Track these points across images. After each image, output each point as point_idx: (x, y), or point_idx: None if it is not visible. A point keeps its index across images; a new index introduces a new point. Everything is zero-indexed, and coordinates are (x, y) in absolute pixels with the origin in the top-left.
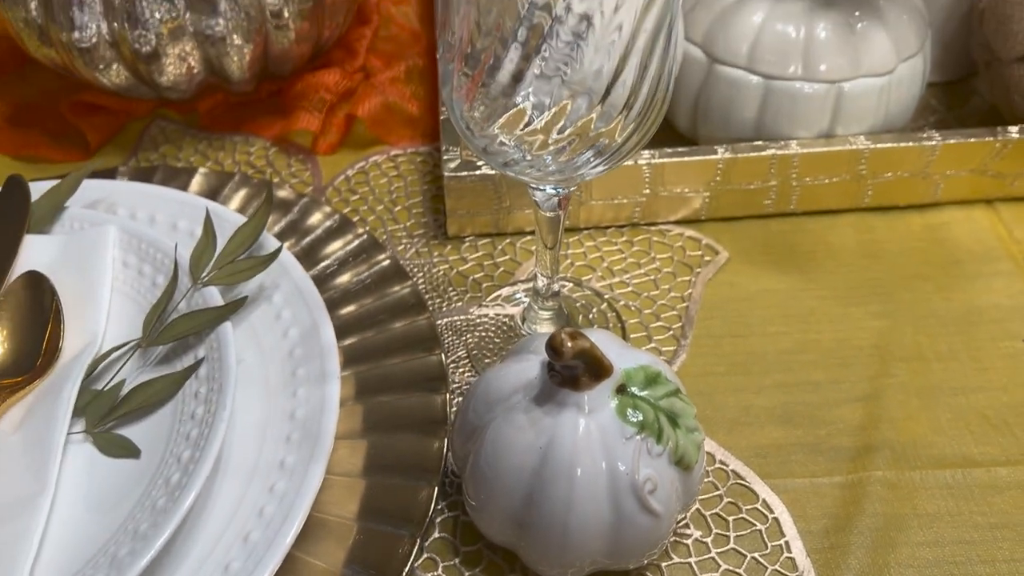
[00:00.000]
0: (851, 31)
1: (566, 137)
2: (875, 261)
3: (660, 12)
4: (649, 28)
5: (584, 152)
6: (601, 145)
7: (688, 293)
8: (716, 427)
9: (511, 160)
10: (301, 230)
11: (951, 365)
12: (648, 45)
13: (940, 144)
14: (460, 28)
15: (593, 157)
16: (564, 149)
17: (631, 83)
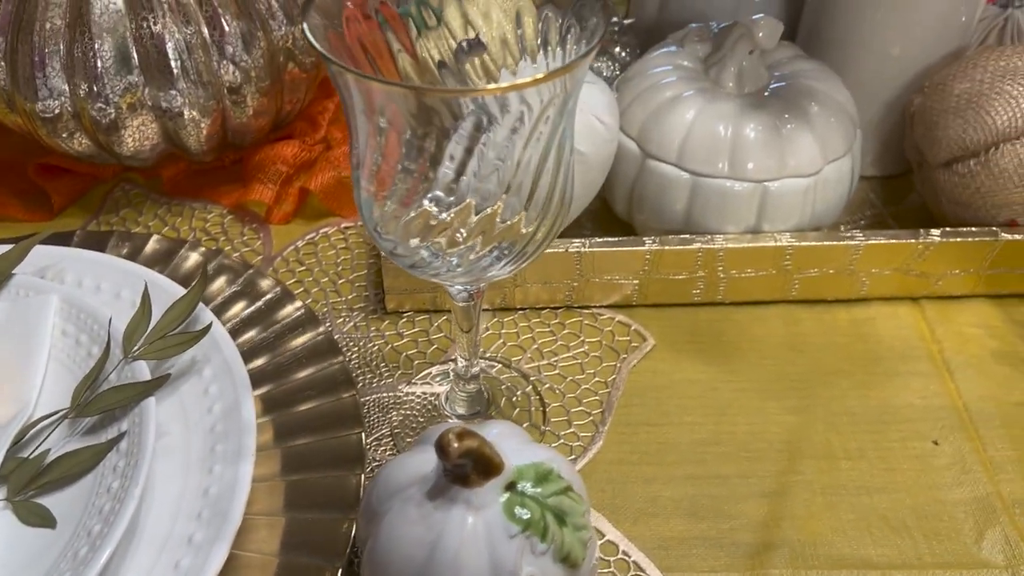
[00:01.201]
0: (778, 133)
1: (469, 237)
2: (798, 355)
3: (552, 126)
4: (543, 138)
5: (489, 252)
6: (504, 247)
7: (612, 379)
8: (623, 517)
9: (418, 262)
10: (243, 301)
11: (859, 464)
12: (543, 153)
13: (863, 244)
14: (363, 147)
15: (497, 259)
16: (471, 249)
17: (528, 187)
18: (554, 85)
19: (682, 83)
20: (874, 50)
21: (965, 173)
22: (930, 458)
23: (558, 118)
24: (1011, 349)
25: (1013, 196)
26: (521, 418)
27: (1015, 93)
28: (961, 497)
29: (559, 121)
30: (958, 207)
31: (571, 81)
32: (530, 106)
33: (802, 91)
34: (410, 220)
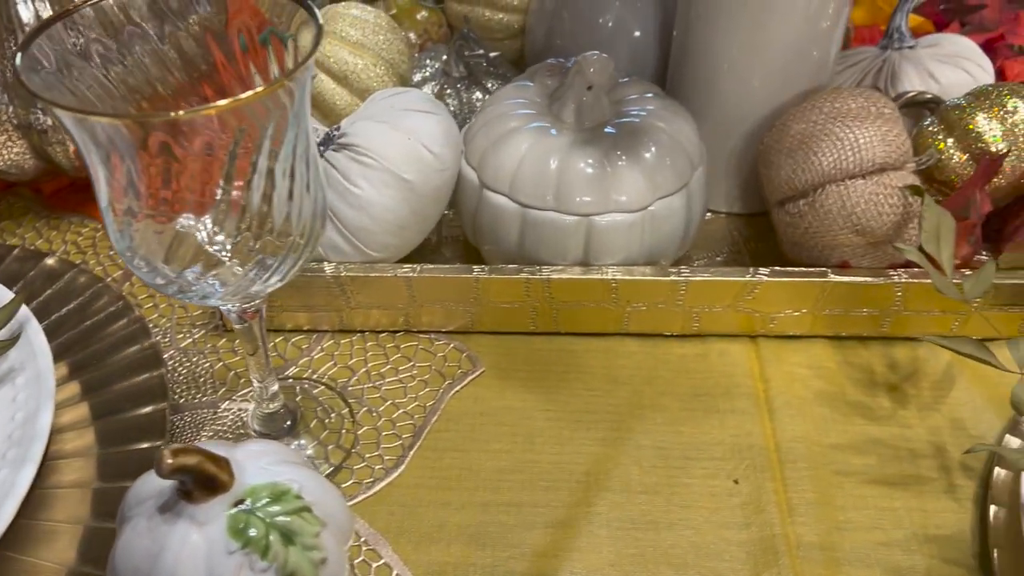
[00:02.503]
0: (604, 169)
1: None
2: (620, 387)
3: (281, 145)
4: (278, 156)
5: (247, 270)
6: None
7: (431, 404)
8: (406, 541)
9: (184, 285)
10: (82, 313)
11: (654, 499)
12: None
13: (689, 280)
14: (100, 179)
15: (257, 275)
16: (230, 268)
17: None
18: (264, 106)
19: (523, 116)
20: (733, 90)
21: (795, 213)
22: (727, 497)
23: (284, 136)
24: (837, 391)
25: (839, 238)
26: (330, 439)
27: (842, 135)
28: (748, 537)
29: (287, 140)
30: (794, 247)
31: (278, 101)
32: (245, 128)
33: (640, 129)
34: (163, 244)
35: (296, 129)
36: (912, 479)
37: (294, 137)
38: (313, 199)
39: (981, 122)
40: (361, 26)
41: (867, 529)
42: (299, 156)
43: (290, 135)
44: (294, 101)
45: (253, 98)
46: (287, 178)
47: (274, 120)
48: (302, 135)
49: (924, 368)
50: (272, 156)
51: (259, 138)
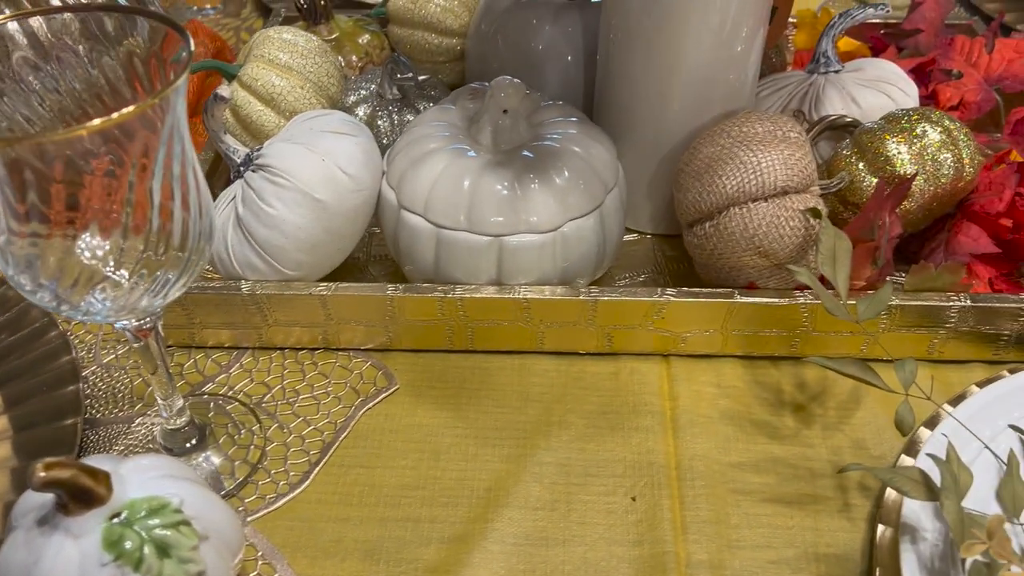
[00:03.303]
0: (516, 191)
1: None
2: (531, 404)
3: (155, 163)
4: (148, 174)
5: (135, 285)
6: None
7: (343, 421)
8: (302, 556)
9: (51, 300)
10: (8, 329)
11: (551, 516)
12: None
13: (597, 300)
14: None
15: (147, 291)
16: (118, 285)
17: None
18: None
19: (443, 139)
20: (652, 114)
21: (702, 235)
22: (624, 514)
23: (157, 155)
24: (743, 410)
25: (744, 259)
26: (238, 454)
27: (746, 159)
28: (639, 554)
29: (159, 159)
30: (705, 269)
31: (149, 123)
32: (117, 149)
33: (555, 152)
34: (45, 263)
35: (168, 148)
36: (809, 498)
37: (166, 155)
38: (194, 216)
39: (891, 146)
40: (290, 50)
41: (758, 547)
42: (175, 175)
43: (161, 154)
44: (163, 122)
45: (108, 124)
46: (166, 196)
47: (144, 141)
48: (176, 154)
49: (832, 389)
50: (146, 175)
51: (133, 158)
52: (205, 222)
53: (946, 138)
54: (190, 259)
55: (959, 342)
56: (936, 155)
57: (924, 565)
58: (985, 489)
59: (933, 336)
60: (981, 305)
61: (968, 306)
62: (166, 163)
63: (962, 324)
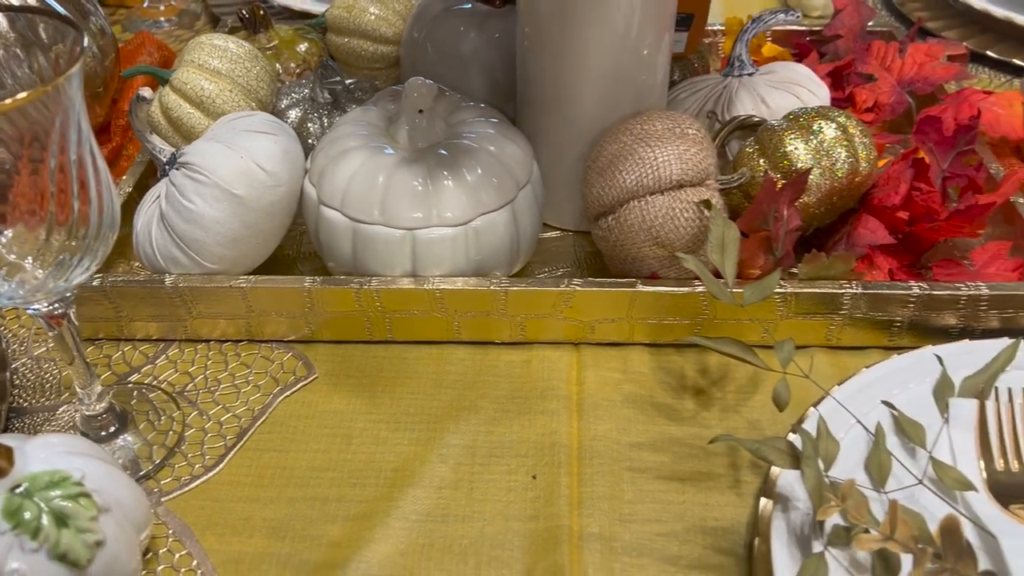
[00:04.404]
0: (428, 186)
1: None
2: (443, 391)
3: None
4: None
5: (40, 268)
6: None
7: (261, 408)
8: (211, 533)
9: None
10: None
11: (455, 494)
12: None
13: (508, 290)
14: None
15: (53, 274)
16: (26, 269)
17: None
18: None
19: (362, 137)
20: (566, 114)
21: (606, 228)
22: (524, 491)
23: (53, 145)
24: (646, 393)
25: (644, 251)
26: (156, 439)
27: (644, 155)
28: (534, 528)
29: (57, 149)
30: (612, 261)
31: (43, 112)
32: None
33: (468, 150)
34: None
35: (63, 137)
36: (702, 475)
37: (61, 143)
38: (93, 204)
39: (789, 143)
40: (220, 55)
41: (649, 521)
42: (72, 163)
43: (54, 145)
44: (58, 112)
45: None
46: (64, 184)
47: (42, 129)
48: (72, 143)
49: (732, 374)
50: (44, 165)
51: (24, 144)
52: (107, 210)
53: (841, 134)
54: (89, 245)
55: (855, 329)
56: (831, 150)
57: (793, 532)
58: (857, 461)
59: (829, 323)
60: (871, 292)
61: (859, 293)
62: (61, 151)
63: (855, 311)
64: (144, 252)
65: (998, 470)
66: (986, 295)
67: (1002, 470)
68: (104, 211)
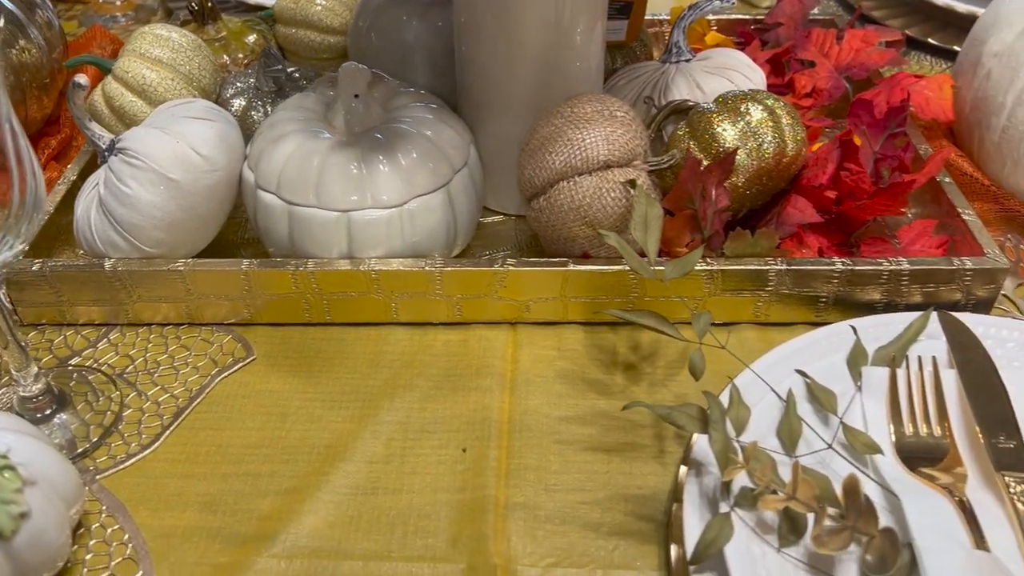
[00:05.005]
0: (363, 169)
1: None
2: (379, 370)
3: None
4: None
5: None
6: None
7: (199, 389)
8: (144, 509)
9: None
10: None
11: (385, 468)
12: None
13: (442, 271)
14: None
15: None
16: None
17: None
18: None
19: (299, 122)
20: (503, 100)
21: (538, 209)
22: (453, 464)
23: None
24: (577, 369)
25: (574, 230)
26: (94, 420)
27: (573, 137)
28: (461, 499)
29: None
30: (545, 242)
31: None
32: None
33: (404, 134)
34: None
35: None
36: (628, 446)
37: None
38: (15, 184)
39: (718, 125)
40: (162, 44)
41: (573, 490)
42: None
43: None
44: None
45: None
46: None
47: None
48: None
49: (663, 350)
50: None
51: None
52: (30, 191)
53: (768, 116)
54: (11, 225)
55: (782, 305)
56: (758, 132)
57: (705, 495)
58: (769, 427)
59: (757, 299)
60: (796, 268)
61: (784, 269)
62: None
63: (782, 287)
64: (84, 237)
65: (907, 435)
66: (907, 270)
67: (911, 435)
68: (27, 192)
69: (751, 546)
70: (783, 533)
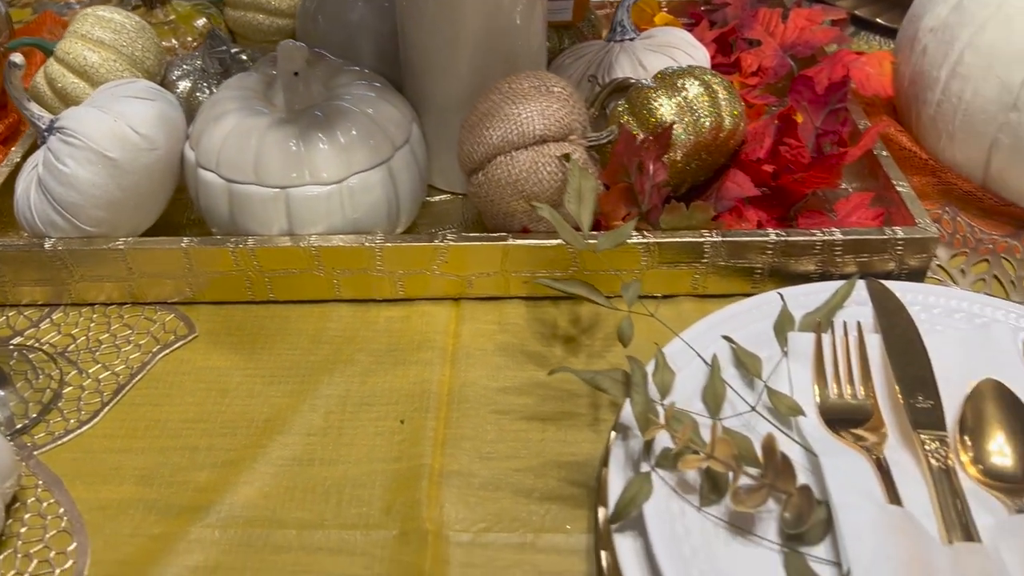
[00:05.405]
0: (301, 145)
1: None
2: (321, 346)
3: None
4: None
5: None
6: None
7: (140, 366)
8: (81, 483)
9: None
10: None
11: (323, 440)
12: None
13: (383, 247)
14: None
15: None
16: None
17: None
18: None
19: (239, 100)
20: (445, 80)
21: (477, 184)
22: (391, 435)
23: None
24: (517, 342)
25: (512, 205)
26: (33, 397)
27: (508, 112)
28: (396, 468)
29: None
30: (486, 217)
31: None
32: None
33: (342, 111)
34: None
35: None
36: (563, 415)
37: None
38: None
39: (655, 101)
40: (105, 25)
41: (508, 458)
42: None
43: None
44: None
45: None
46: None
47: None
48: None
49: (602, 323)
50: None
51: None
52: None
53: (704, 91)
54: None
55: (719, 277)
56: (694, 106)
57: (630, 458)
58: (695, 392)
59: (694, 272)
60: (731, 240)
61: (719, 241)
62: None
63: (717, 259)
64: (24, 217)
65: (830, 397)
66: (840, 240)
67: (834, 397)
68: None
69: (670, 504)
70: (704, 492)
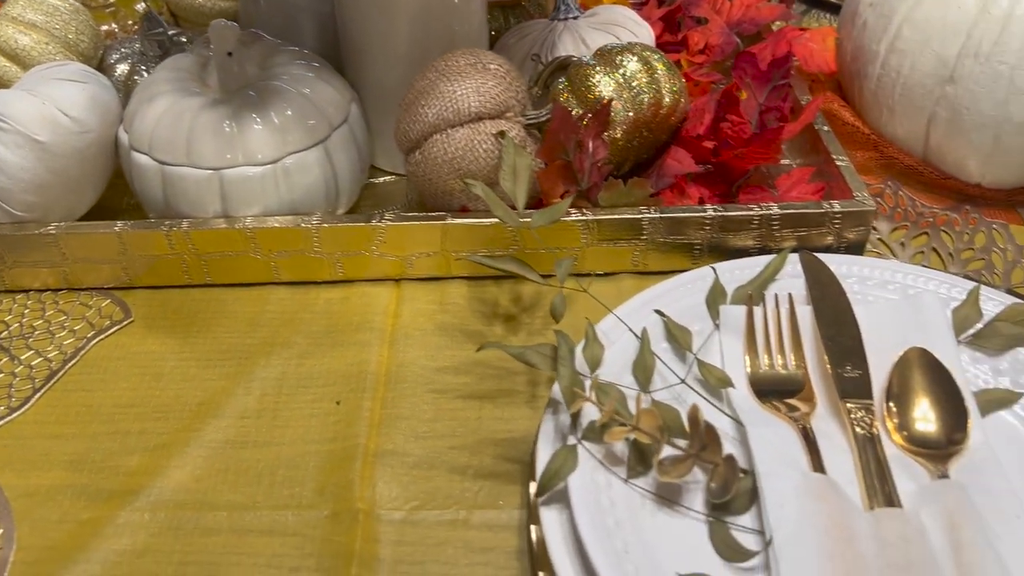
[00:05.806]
0: (234, 126)
1: None
2: (258, 329)
3: None
4: None
5: None
6: None
7: (73, 352)
8: (9, 469)
9: None
10: None
11: (258, 423)
12: None
13: (319, 227)
14: None
15: None
16: None
17: None
18: None
19: (172, 81)
20: (383, 59)
21: (414, 163)
22: (326, 416)
23: None
24: (457, 322)
25: (449, 184)
26: None
27: (444, 89)
28: (331, 448)
29: None
30: (425, 197)
31: None
32: None
33: (277, 91)
34: None
35: None
36: (501, 393)
37: None
38: None
39: (593, 77)
40: (37, 7)
41: (444, 436)
42: None
43: None
44: None
45: None
46: None
47: None
48: None
49: (543, 302)
50: None
51: None
52: None
53: (643, 67)
54: None
55: (659, 253)
56: (632, 82)
57: (558, 430)
58: (625, 365)
59: (634, 248)
60: (669, 216)
61: (658, 218)
62: None
63: (656, 235)
64: None
65: (761, 369)
66: (777, 214)
67: (765, 368)
68: None
69: (596, 477)
70: (632, 464)
